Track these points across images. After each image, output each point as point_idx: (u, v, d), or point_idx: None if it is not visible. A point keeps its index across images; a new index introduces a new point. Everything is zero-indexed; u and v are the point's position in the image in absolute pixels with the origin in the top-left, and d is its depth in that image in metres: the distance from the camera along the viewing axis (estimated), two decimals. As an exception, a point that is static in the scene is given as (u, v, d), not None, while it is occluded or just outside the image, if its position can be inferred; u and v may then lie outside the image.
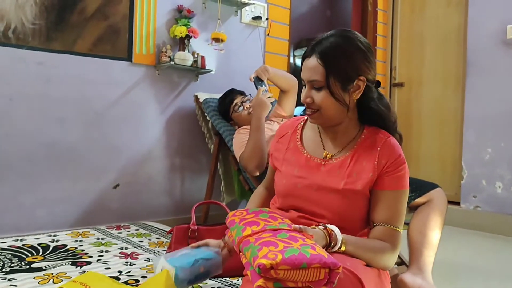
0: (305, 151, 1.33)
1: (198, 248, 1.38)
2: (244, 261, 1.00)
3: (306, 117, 1.43)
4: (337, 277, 0.92)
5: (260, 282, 0.91)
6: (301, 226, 1.06)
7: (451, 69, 4.00)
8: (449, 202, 2.02)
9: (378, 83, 1.30)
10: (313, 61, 1.22)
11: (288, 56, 3.79)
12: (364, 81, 1.23)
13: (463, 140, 3.56)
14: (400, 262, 2.06)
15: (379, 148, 1.24)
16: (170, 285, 1.35)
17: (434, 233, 1.83)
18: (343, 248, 1.10)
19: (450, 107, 3.98)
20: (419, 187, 1.97)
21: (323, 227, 1.10)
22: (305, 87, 1.28)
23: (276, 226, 1.04)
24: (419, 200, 1.93)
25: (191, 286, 1.37)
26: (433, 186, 1.99)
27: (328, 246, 1.07)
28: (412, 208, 1.96)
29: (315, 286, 0.92)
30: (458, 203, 3.55)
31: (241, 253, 1.03)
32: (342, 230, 1.14)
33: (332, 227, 1.12)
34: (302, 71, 1.27)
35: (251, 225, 1.05)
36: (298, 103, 2.52)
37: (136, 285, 1.68)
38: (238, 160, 2.39)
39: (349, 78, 1.21)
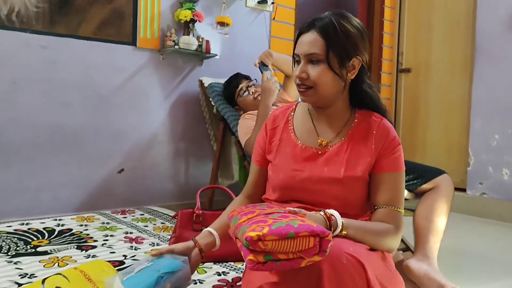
0: (299, 142, 1.29)
1: (160, 258, 1.16)
2: (239, 244, 1.00)
3: (295, 106, 1.39)
4: (329, 245, 0.91)
5: (250, 256, 0.90)
6: (296, 209, 1.04)
7: (459, 55, 3.94)
8: (455, 189, 2.00)
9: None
10: (312, 35, 1.21)
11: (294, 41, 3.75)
12: (360, 61, 1.23)
13: (470, 126, 3.53)
14: (406, 248, 2.06)
15: (374, 132, 1.24)
16: None
17: (440, 220, 1.82)
18: (344, 232, 1.09)
19: (457, 93, 3.93)
20: (426, 173, 1.95)
21: (322, 212, 1.09)
22: (298, 63, 1.24)
23: (271, 211, 1.04)
24: (426, 186, 1.92)
25: None
26: (439, 172, 1.97)
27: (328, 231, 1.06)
28: (418, 194, 1.95)
29: (306, 255, 0.91)
30: (464, 190, 3.53)
31: (237, 239, 1.03)
32: (345, 216, 1.13)
33: (332, 211, 1.10)
34: (298, 46, 1.25)
35: (247, 214, 1.05)
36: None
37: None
38: (243, 146, 2.38)
39: (348, 55, 1.20)
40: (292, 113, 1.37)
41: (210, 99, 2.88)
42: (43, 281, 1.23)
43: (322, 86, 1.20)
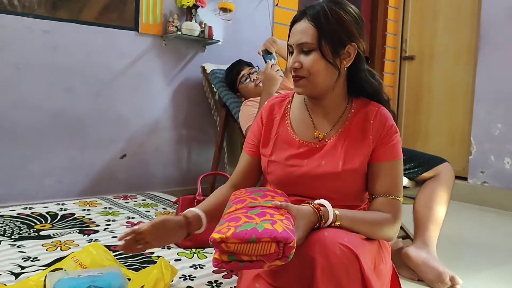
0: (296, 137, 1.27)
1: (110, 273, 1.15)
2: None
3: (291, 97, 1.36)
4: (292, 251, 0.92)
5: (216, 255, 0.93)
6: (283, 203, 1.03)
7: (463, 42, 3.91)
8: (457, 177, 2.01)
9: (367, 59, 1.26)
10: (304, 24, 1.18)
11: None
12: (355, 47, 1.19)
13: (473, 114, 3.52)
14: (405, 236, 2.07)
15: (371, 121, 1.22)
16: (173, 272, 1.35)
17: (440, 208, 1.83)
18: (338, 223, 1.08)
19: (461, 81, 3.91)
20: (427, 162, 1.96)
21: (311, 204, 1.08)
22: (292, 54, 1.22)
23: (258, 203, 1.04)
24: (426, 174, 1.93)
25: None
26: (440, 160, 1.98)
27: (320, 221, 1.06)
28: (419, 183, 1.96)
29: (267, 260, 0.92)
30: (465, 179, 3.53)
31: None
32: (345, 207, 1.13)
33: (321, 201, 1.09)
34: (291, 36, 1.22)
35: (237, 203, 1.05)
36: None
37: (142, 254, 1.70)
38: (244, 133, 2.38)
39: (341, 42, 1.17)
40: (289, 106, 1.34)
41: (212, 86, 2.87)
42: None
43: (316, 75, 1.18)
